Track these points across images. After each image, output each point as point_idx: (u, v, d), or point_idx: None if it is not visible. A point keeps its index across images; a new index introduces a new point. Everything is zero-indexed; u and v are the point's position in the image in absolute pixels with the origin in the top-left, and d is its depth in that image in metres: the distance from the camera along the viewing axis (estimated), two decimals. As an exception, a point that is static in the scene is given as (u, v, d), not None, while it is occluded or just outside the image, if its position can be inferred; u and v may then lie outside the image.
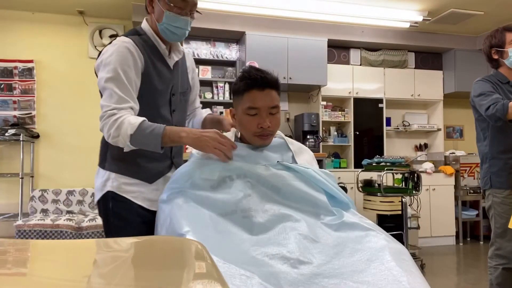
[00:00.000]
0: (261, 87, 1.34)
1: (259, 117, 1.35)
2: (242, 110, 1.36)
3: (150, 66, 1.44)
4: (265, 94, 1.34)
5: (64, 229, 3.49)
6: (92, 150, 4.40)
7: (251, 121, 1.35)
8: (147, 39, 1.47)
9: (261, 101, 1.34)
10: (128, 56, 1.36)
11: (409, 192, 3.64)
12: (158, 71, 1.46)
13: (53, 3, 4.11)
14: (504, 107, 2.04)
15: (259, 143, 1.38)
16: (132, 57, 1.37)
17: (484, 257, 4.37)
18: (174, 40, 1.49)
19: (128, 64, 1.36)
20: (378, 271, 1.02)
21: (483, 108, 2.15)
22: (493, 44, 2.26)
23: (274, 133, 1.42)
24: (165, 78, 1.48)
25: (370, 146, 4.95)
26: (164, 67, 1.49)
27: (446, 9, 4.36)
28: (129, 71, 1.36)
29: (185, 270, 0.67)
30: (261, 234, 1.17)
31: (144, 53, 1.42)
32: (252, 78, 1.34)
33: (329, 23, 4.68)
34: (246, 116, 1.36)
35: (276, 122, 1.39)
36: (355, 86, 4.95)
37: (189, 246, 0.82)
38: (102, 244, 0.92)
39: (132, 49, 1.38)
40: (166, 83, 1.48)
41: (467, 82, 5.18)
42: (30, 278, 0.64)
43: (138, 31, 1.48)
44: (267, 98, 1.35)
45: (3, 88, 4.22)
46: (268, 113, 1.35)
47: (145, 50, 1.43)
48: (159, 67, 1.47)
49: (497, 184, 2.21)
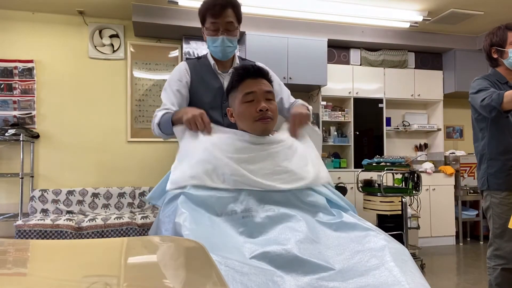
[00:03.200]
0: (254, 76, 1.42)
1: (256, 102, 1.38)
2: (239, 100, 1.40)
3: (198, 80, 1.73)
4: (259, 81, 1.41)
5: (64, 229, 3.49)
6: (92, 150, 4.46)
7: (249, 107, 1.38)
8: (204, 60, 1.78)
9: (256, 86, 1.40)
10: (176, 73, 1.73)
11: (409, 192, 3.64)
12: (206, 84, 1.72)
13: (53, 3, 4.11)
14: (499, 96, 1.99)
15: (260, 128, 1.38)
16: (179, 74, 1.72)
17: (484, 257, 4.36)
18: (221, 57, 1.72)
19: (176, 80, 1.71)
20: (378, 272, 1.02)
21: (478, 100, 2.09)
22: (493, 43, 2.20)
23: (274, 118, 1.43)
24: (213, 89, 1.71)
25: (370, 146, 4.95)
26: (214, 81, 1.73)
27: (446, 9, 4.36)
28: (174, 84, 1.70)
29: (185, 270, 0.67)
30: (261, 235, 1.17)
31: (193, 71, 1.73)
32: (245, 69, 1.43)
33: (329, 23, 4.68)
34: (243, 105, 1.39)
35: (274, 107, 1.42)
36: (355, 86, 4.95)
37: (189, 246, 0.82)
38: (102, 244, 0.92)
39: (181, 67, 1.74)
40: (213, 93, 1.70)
41: (467, 82, 5.14)
42: (30, 278, 0.64)
43: (200, 56, 1.84)
44: (261, 84, 1.41)
45: (3, 88, 4.22)
46: (264, 98, 1.39)
47: (195, 69, 1.74)
48: (207, 80, 1.73)
49: (494, 186, 2.18)
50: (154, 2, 4.09)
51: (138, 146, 4.52)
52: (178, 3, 4.02)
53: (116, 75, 4.49)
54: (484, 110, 2.09)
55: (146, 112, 4.55)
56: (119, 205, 4.18)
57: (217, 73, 1.75)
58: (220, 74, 1.75)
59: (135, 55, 4.54)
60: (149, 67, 4.59)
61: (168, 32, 4.43)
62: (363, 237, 1.16)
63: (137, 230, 3.63)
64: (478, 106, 2.12)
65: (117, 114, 4.49)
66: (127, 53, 4.52)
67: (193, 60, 1.80)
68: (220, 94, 1.71)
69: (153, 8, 4.15)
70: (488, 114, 2.10)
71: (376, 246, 1.11)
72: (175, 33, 4.43)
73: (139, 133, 4.52)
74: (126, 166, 4.43)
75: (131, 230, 3.62)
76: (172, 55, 4.67)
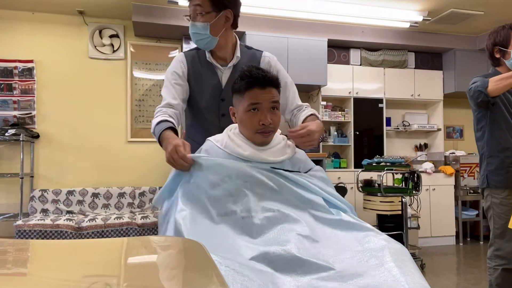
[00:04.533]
0: (263, 85, 1.35)
1: (260, 114, 1.34)
2: (243, 108, 1.36)
3: (194, 74, 1.63)
4: (266, 92, 1.35)
5: (64, 229, 3.49)
6: (92, 150, 4.45)
7: (252, 118, 1.35)
8: (202, 51, 1.66)
9: (263, 97, 1.35)
10: (172, 66, 1.64)
11: (409, 192, 3.64)
12: (202, 81, 1.62)
13: (53, 3, 4.11)
14: (485, 81, 2.03)
15: (260, 141, 1.37)
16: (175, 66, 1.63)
17: (484, 257, 4.36)
18: (200, 46, 1.62)
19: (172, 72, 1.62)
20: (378, 272, 1.02)
21: (469, 91, 2.14)
22: (497, 42, 2.19)
23: (275, 130, 1.41)
24: (209, 87, 1.61)
25: (370, 146, 4.95)
26: (210, 76, 1.63)
27: (446, 9, 4.36)
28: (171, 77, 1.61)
29: (185, 270, 0.67)
30: (260, 236, 1.17)
31: (190, 64, 1.63)
32: (254, 77, 1.35)
33: (329, 23, 4.68)
34: (247, 114, 1.36)
35: (277, 118, 1.39)
36: (355, 86, 4.95)
37: (189, 246, 0.82)
38: (102, 244, 0.92)
39: (178, 59, 1.64)
40: (209, 92, 1.60)
41: (467, 82, 5.08)
42: (30, 278, 0.64)
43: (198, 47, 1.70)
44: (268, 95, 1.36)
45: (3, 88, 4.22)
46: (269, 109, 1.36)
47: (193, 62, 1.64)
48: (204, 76, 1.62)
49: (493, 183, 2.18)
50: (154, 2, 4.09)
51: (138, 146, 4.52)
52: (178, 3, 4.02)
53: (116, 75, 4.49)
54: (473, 98, 2.14)
55: (146, 112, 4.55)
56: (119, 205, 4.18)
57: (214, 66, 1.64)
58: (217, 67, 1.64)
59: (135, 55, 4.54)
60: (149, 67, 4.59)
61: (168, 32, 4.43)
62: (363, 237, 1.16)
63: (137, 230, 3.63)
64: (469, 97, 2.16)
65: (117, 114, 4.49)
66: (127, 53, 4.52)
67: (192, 52, 1.68)
68: (217, 93, 1.63)
69: (153, 8, 4.15)
70: (476, 101, 2.13)
71: (376, 246, 1.11)
72: (175, 33, 4.43)
73: (139, 133, 4.52)
74: (126, 166, 4.43)
75: (131, 230, 3.62)
76: (172, 55, 4.67)
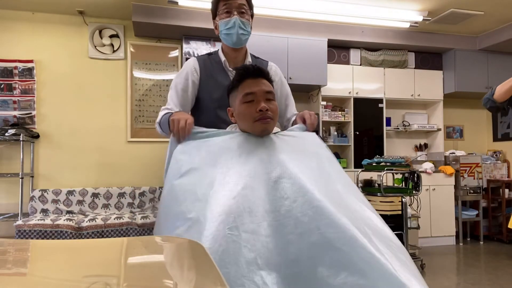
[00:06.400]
0: (254, 76, 1.41)
1: (256, 103, 1.37)
2: (239, 100, 1.40)
3: (207, 78, 1.72)
4: (259, 82, 1.40)
5: (64, 229, 3.49)
6: (92, 150, 4.45)
7: (249, 107, 1.37)
8: (214, 57, 1.77)
9: (256, 86, 1.39)
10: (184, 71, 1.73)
11: (409, 192, 3.64)
12: (215, 81, 1.71)
13: (53, 3, 4.10)
14: (493, 89, 2.18)
15: (260, 129, 1.36)
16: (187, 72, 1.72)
17: (484, 257, 4.37)
18: (235, 43, 1.70)
19: (181, 77, 1.72)
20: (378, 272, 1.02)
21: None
22: None
23: (275, 118, 1.41)
24: (222, 87, 1.66)
25: (370, 146, 4.95)
26: (224, 78, 1.71)
27: (446, 9, 4.36)
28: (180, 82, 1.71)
29: (185, 270, 0.67)
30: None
31: (203, 69, 1.73)
32: (245, 69, 1.43)
33: (329, 23, 4.68)
34: (243, 105, 1.38)
35: (274, 107, 1.41)
36: (355, 86, 4.95)
37: (189, 246, 0.82)
38: (102, 244, 0.92)
39: (190, 64, 1.73)
40: (222, 91, 1.65)
41: (467, 82, 5.19)
42: (30, 278, 0.64)
43: (211, 52, 1.81)
44: (261, 84, 1.40)
45: (3, 88, 4.22)
46: (264, 98, 1.38)
47: (205, 66, 1.74)
48: (217, 77, 1.71)
49: None
50: (154, 2, 4.09)
51: (138, 146, 4.51)
52: (178, 3, 4.02)
53: (116, 75, 4.49)
54: (484, 104, 2.29)
55: (146, 112, 4.55)
56: (119, 205, 4.18)
57: (228, 70, 1.74)
58: (230, 71, 1.74)
59: (135, 55, 4.54)
60: (149, 67, 4.59)
61: (168, 32, 4.43)
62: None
63: (137, 230, 3.63)
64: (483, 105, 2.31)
65: (117, 114, 4.49)
66: (127, 53, 4.52)
67: (204, 56, 1.80)
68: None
69: (153, 8, 4.15)
70: (487, 108, 2.30)
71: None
72: (175, 33, 4.43)
73: (139, 133, 4.52)
74: (126, 166, 4.43)
75: (131, 230, 3.62)
76: (172, 55, 4.66)
